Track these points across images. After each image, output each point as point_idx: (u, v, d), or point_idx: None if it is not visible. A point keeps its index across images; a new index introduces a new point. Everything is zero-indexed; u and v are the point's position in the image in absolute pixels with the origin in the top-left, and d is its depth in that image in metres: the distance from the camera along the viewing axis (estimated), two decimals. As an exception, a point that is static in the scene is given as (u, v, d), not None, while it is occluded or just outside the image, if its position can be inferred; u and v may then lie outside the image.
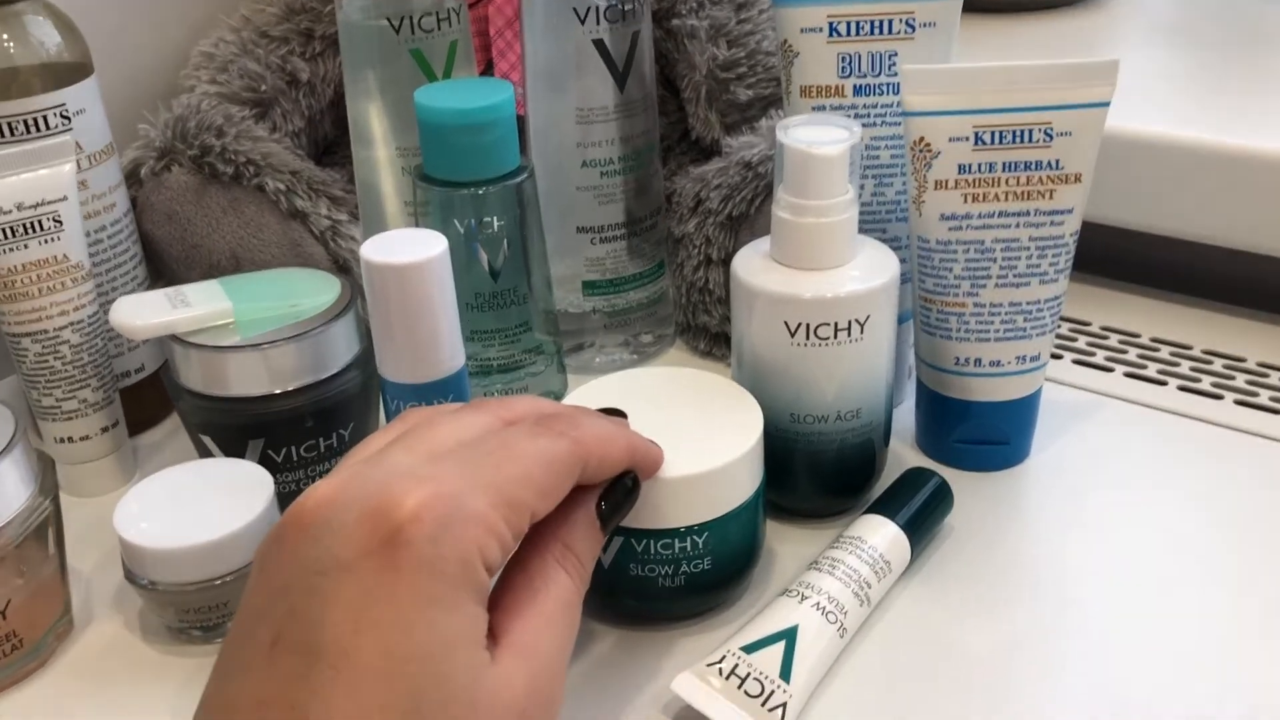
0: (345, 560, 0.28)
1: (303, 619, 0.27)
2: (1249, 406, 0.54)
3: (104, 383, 0.50)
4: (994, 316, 0.47)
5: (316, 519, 0.29)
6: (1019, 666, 0.40)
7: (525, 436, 0.32)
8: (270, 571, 0.29)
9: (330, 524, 0.28)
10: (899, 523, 0.43)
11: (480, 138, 0.46)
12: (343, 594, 0.27)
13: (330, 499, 0.29)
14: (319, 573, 0.28)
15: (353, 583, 0.27)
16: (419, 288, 0.41)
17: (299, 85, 0.60)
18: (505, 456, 0.31)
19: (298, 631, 0.27)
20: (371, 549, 0.28)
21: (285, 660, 0.27)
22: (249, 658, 0.28)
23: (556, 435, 0.33)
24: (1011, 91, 0.44)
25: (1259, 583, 0.43)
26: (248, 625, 0.29)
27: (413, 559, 0.28)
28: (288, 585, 0.28)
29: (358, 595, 0.27)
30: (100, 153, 0.50)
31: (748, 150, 0.54)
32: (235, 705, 0.27)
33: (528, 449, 0.32)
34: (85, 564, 0.46)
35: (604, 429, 0.35)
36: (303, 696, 0.27)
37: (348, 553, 0.28)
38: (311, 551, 0.28)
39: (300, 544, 0.29)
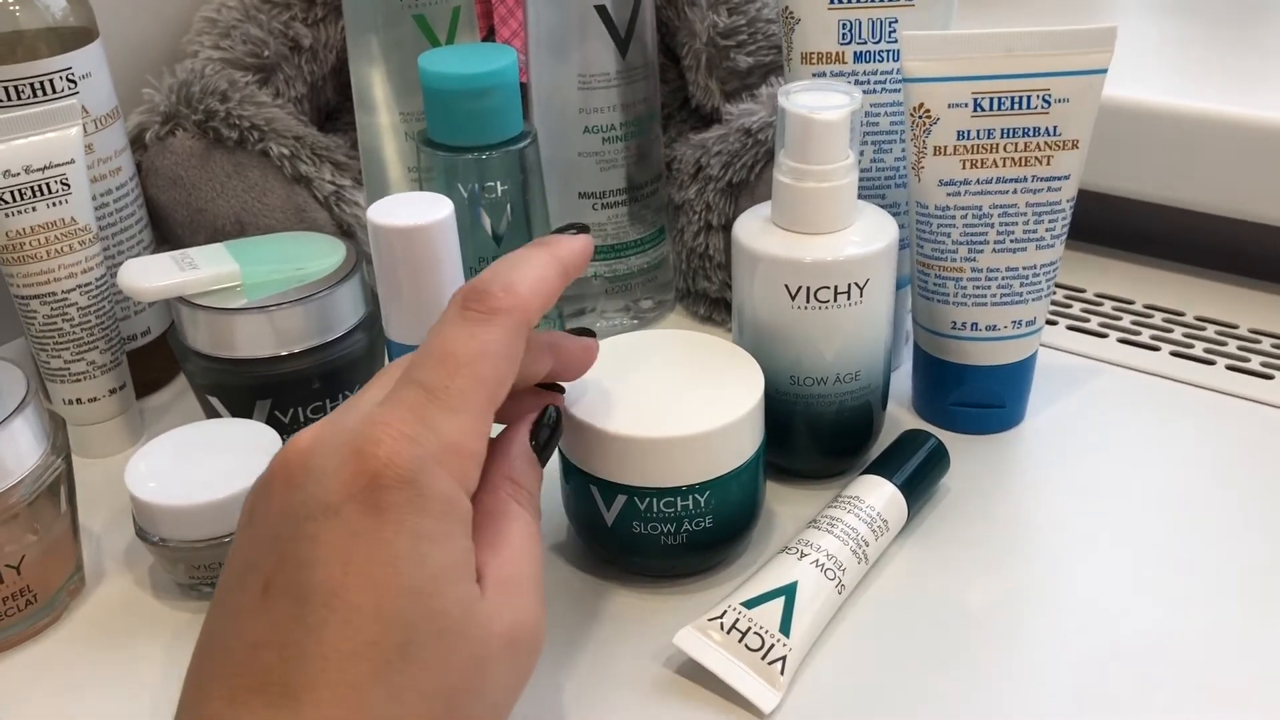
0: (330, 505, 0.28)
1: (292, 563, 0.28)
2: (1240, 372, 0.55)
3: (111, 345, 0.50)
4: (991, 281, 0.48)
5: (299, 468, 0.29)
6: (1013, 623, 0.41)
7: (461, 329, 0.31)
8: (257, 523, 0.30)
9: (312, 471, 0.29)
10: (896, 483, 0.44)
11: (483, 103, 0.47)
12: (330, 537, 0.28)
13: (310, 448, 0.30)
14: (306, 518, 0.28)
15: (339, 525, 0.28)
16: (425, 249, 0.42)
17: (301, 51, 0.61)
18: (450, 367, 0.31)
19: (288, 576, 0.28)
20: (354, 492, 0.28)
21: (278, 604, 0.28)
22: (242, 604, 0.28)
23: (486, 316, 0.32)
24: (1010, 58, 0.45)
25: (1251, 544, 0.44)
26: (238, 575, 0.29)
27: (396, 498, 0.28)
28: (276, 534, 0.29)
29: (345, 537, 0.28)
30: (106, 116, 0.51)
31: (748, 117, 0.54)
32: (230, 649, 0.28)
33: (468, 349, 0.31)
34: (95, 523, 0.47)
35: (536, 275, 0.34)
36: (296, 636, 0.27)
37: (332, 497, 0.28)
38: (297, 498, 0.29)
39: (286, 493, 0.29)
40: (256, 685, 0.27)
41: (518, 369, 0.33)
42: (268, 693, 0.27)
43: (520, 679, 0.32)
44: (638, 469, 0.40)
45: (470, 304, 0.32)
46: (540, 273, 0.34)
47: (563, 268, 0.35)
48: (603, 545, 0.42)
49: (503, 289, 0.32)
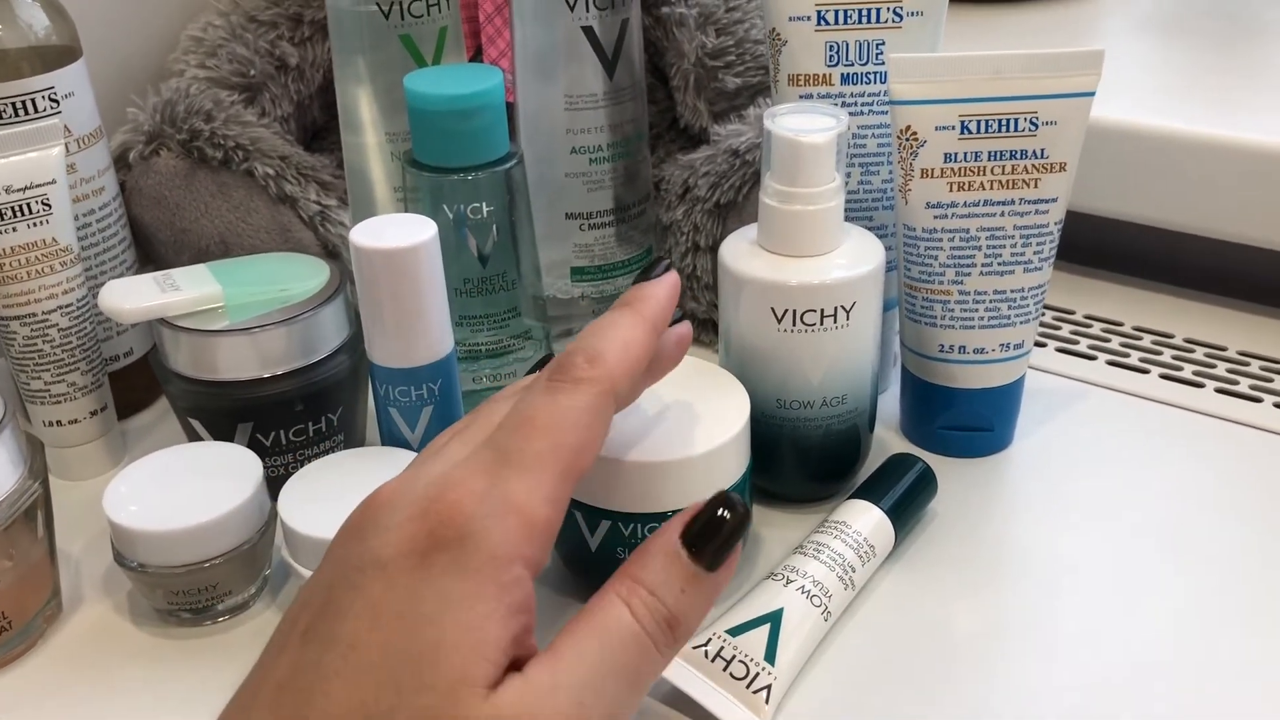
0: (383, 559, 0.28)
1: (333, 611, 0.28)
2: (1229, 394, 0.55)
3: (93, 366, 0.50)
4: (978, 304, 0.48)
5: (368, 519, 0.29)
6: (1001, 650, 0.41)
7: (543, 398, 0.31)
8: (323, 567, 0.30)
9: (378, 524, 0.29)
10: (883, 508, 0.44)
11: (470, 123, 0.46)
12: (370, 590, 0.28)
13: (386, 499, 0.30)
14: (357, 569, 0.28)
15: (383, 580, 0.28)
16: (408, 272, 0.41)
17: (288, 70, 0.60)
18: (527, 431, 0.30)
19: (326, 622, 0.28)
20: (407, 549, 0.28)
21: (309, 648, 0.28)
22: (284, 643, 0.29)
23: (571, 385, 0.31)
24: (997, 81, 0.45)
25: (1239, 567, 0.44)
26: (293, 614, 0.29)
27: (443, 558, 0.28)
28: (331, 581, 0.29)
29: (383, 592, 0.28)
30: (89, 136, 0.50)
31: (736, 138, 0.54)
32: (260, 689, 0.28)
33: (548, 415, 0.30)
34: (74, 547, 0.46)
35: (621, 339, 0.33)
36: (310, 682, 0.27)
37: (387, 552, 0.28)
38: (356, 549, 0.29)
39: (350, 542, 0.29)
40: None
41: (602, 440, 0.32)
42: None
43: None
44: (622, 494, 0.39)
45: (554, 375, 0.32)
46: (626, 336, 0.33)
47: (650, 326, 0.34)
48: (586, 572, 0.42)
49: (587, 359, 0.32)
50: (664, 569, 0.30)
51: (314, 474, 0.43)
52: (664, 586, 0.30)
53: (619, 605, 0.29)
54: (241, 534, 0.41)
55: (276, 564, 0.44)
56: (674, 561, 0.30)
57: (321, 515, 0.40)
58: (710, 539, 0.30)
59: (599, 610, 0.29)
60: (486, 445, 0.30)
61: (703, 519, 0.30)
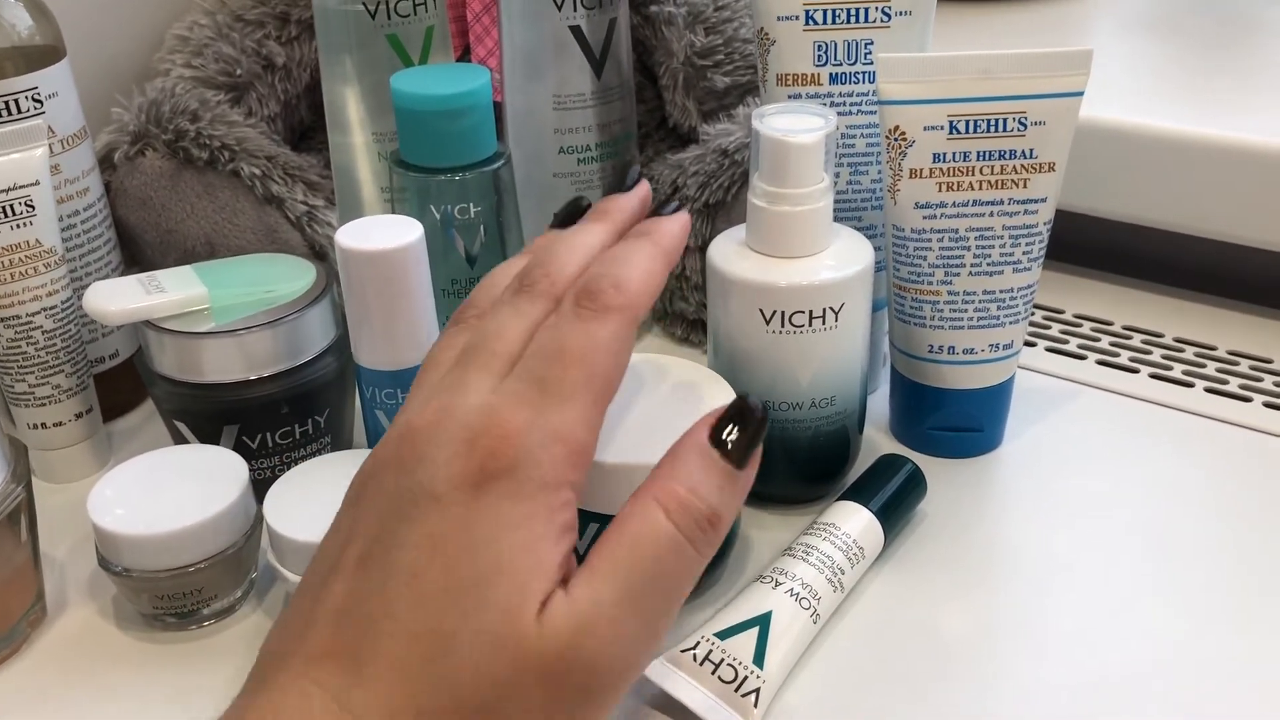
0: (436, 492, 0.29)
1: (389, 540, 0.29)
2: (1219, 394, 0.55)
3: (77, 368, 0.49)
4: (968, 304, 0.47)
5: (411, 452, 0.30)
6: (992, 651, 0.40)
7: (576, 325, 0.31)
8: (366, 502, 0.30)
9: (424, 459, 0.29)
10: (872, 509, 0.44)
11: (457, 123, 0.46)
12: (429, 520, 0.29)
13: (426, 433, 0.30)
14: (411, 502, 0.29)
15: (438, 511, 0.29)
16: (394, 274, 0.41)
17: (275, 70, 0.60)
18: (564, 361, 0.31)
19: (383, 551, 0.29)
20: (459, 482, 0.29)
21: (368, 576, 0.28)
22: (338, 570, 0.29)
23: (599, 313, 0.31)
24: (986, 80, 0.44)
25: (1229, 566, 0.44)
26: (338, 547, 0.30)
27: (496, 490, 0.29)
28: (381, 513, 0.29)
29: (439, 522, 0.28)
30: (73, 137, 0.50)
31: (725, 138, 0.54)
32: (314, 617, 0.29)
33: (583, 344, 0.31)
34: (59, 551, 0.46)
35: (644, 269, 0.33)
36: (374, 608, 0.28)
37: (439, 485, 0.29)
38: (405, 482, 0.29)
39: (397, 476, 0.30)
40: (332, 650, 0.28)
41: (625, 367, 0.32)
42: (340, 659, 0.28)
43: None
44: (609, 496, 0.39)
45: (583, 301, 0.32)
46: (647, 266, 0.33)
47: (667, 259, 0.35)
48: (575, 574, 0.42)
49: (613, 286, 0.32)
50: (700, 468, 0.31)
51: (300, 477, 0.43)
52: (703, 484, 0.30)
53: (655, 510, 0.30)
54: (227, 538, 0.41)
55: (263, 568, 0.44)
56: (708, 459, 0.31)
57: (308, 519, 0.40)
58: (740, 435, 0.31)
59: (634, 518, 0.30)
60: (522, 376, 0.31)
61: (729, 418, 0.31)
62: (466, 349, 0.32)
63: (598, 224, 0.36)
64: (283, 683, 0.28)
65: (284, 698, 0.28)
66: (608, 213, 0.36)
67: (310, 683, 0.28)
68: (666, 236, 0.35)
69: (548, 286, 0.33)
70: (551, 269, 0.34)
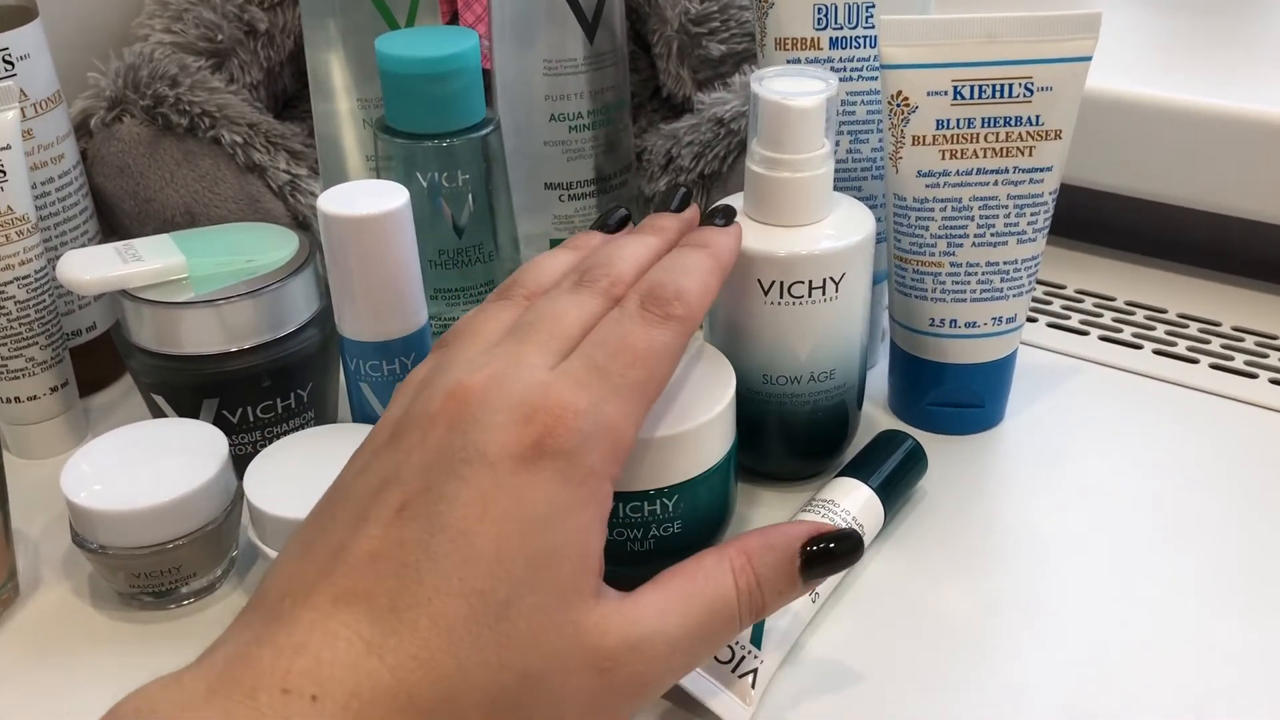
0: (489, 456, 0.29)
1: (436, 494, 0.29)
2: (1223, 370, 0.54)
3: (52, 340, 0.48)
4: (970, 276, 0.46)
5: (465, 414, 0.30)
6: (993, 629, 0.39)
7: (640, 327, 0.33)
8: (403, 452, 0.30)
9: (480, 420, 0.30)
10: (872, 485, 0.42)
11: (444, 87, 0.45)
12: (479, 482, 0.29)
13: (480, 396, 0.30)
14: (462, 460, 0.29)
15: (490, 474, 0.29)
16: (379, 241, 0.40)
17: (257, 35, 0.58)
18: (628, 359, 0.32)
19: (428, 504, 0.29)
20: (514, 451, 0.29)
21: (410, 526, 0.28)
22: (372, 514, 0.29)
23: (662, 320, 0.33)
24: (991, 44, 0.43)
25: (1234, 543, 0.43)
26: (368, 489, 0.30)
27: (550, 465, 0.29)
28: (428, 464, 0.29)
29: (491, 487, 0.29)
30: (47, 101, 0.48)
31: (720, 107, 0.52)
32: (345, 552, 0.28)
33: (646, 346, 0.32)
34: (33, 528, 0.45)
35: (702, 282, 0.35)
36: (417, 559, 0.28)
37: (492, 450, 0.29)
38: (458, 440, 0.29)
39: (448, 432, 0.30)
40: (367, 593, 0.27)
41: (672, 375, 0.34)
42: (376, 604, 0.27)
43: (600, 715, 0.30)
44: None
45: (648, 305, 0.33)
46: (706, 280, 0.35)
47: (723, 274, 0.37)
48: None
49: (676, 295, 0.34)
50: (777, 567, 0.33)
51: (282, 452, 0.41)
52: (770, 582, 0.33)
53: (729, 579, 0.32)
54: (206, 514, 0.40)
55: (243, 545, 0.43)
56: (788, 565, 0.33)
57: (290, 495, 0.39)
58: (825, 565, 0.33)
59: (713, 574, 0.32)
60: (582, 361, 0.32)
61: (830, 543, 0.33)
62: (522, 324, 0.33)
63: (651, 236, 0.37)
64: (306, 620, 0.27)
65: (308, 635, 0.27)
66: (661, 229, 0.38)
67: (338, 624, 0.27)
68: (725, 251, 0.37)
69: (608, 285, 0.34)
70: (612, 270, 0.35)
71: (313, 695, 0.26)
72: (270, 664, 0.26)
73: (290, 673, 0.26)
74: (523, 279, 0.36)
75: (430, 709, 0.27)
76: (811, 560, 0.33)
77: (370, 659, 0.27)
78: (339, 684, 0.26)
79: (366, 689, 0.26)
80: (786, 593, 0.33)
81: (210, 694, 0.26)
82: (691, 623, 0.31)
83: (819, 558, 0.33)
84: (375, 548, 0.28)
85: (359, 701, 0.26)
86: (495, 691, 0.28)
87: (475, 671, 0.27)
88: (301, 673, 0.26)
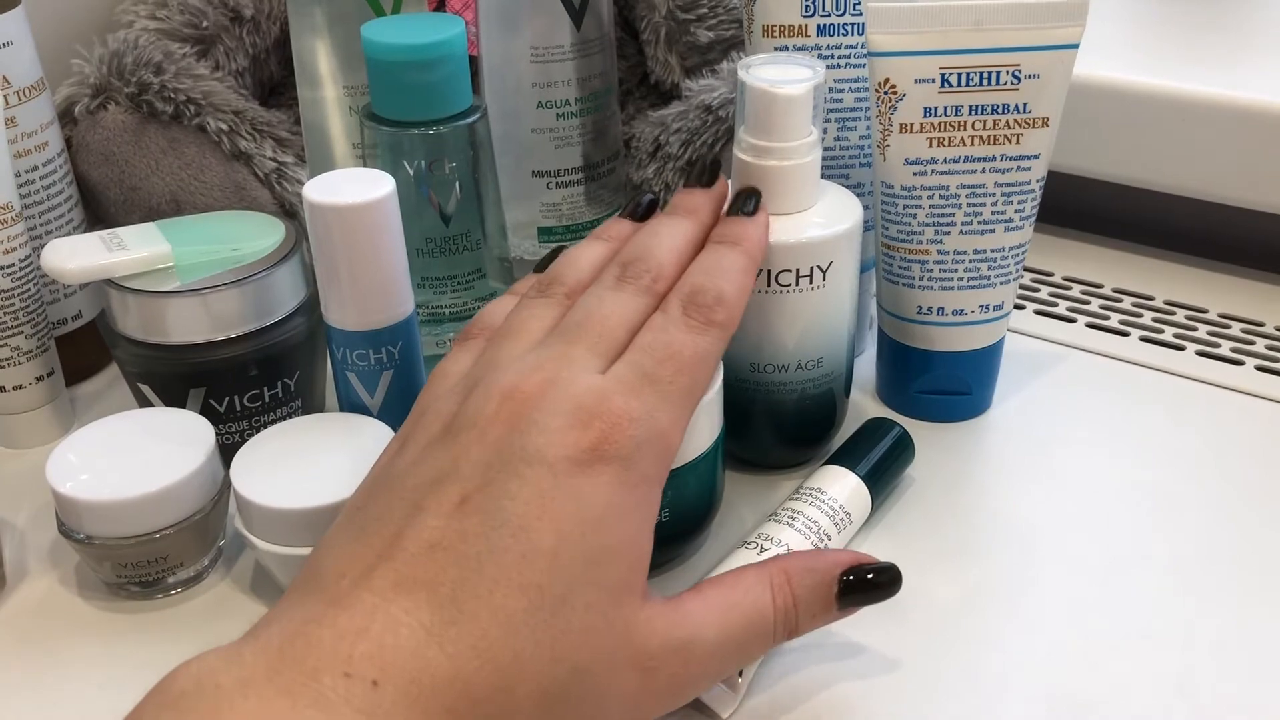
0: (549, 457, 0.30)
1: (497, 490, 0.29)
2: (1210, 358, 0.54)
3: (38, 329, 0.47)
4: (958, 264, 0.46)
5: (523, 415, 0.31)
6: (981, 616, 0.40)
7: (685, 334, 0.33)
8: (461, 447, 0.31)
9: (537, 423, 0.30)
10: (859, 473, 0.43)
11: (430, 74, 0.44)
12: (538, 481, 0.29)
13: (537, 398, 0.31)
14: (522, 460, 0.30)
15: (549, 474, 0.29)
16: (364, 230, 0.40)
17: (242, 22, 0.58)
18: (675, 366, 0.33)
19: (489, 499, 0.29)
20: (573, 454, 0.30)
21: (471, 519, 0.29)
22: (431, 505, 0.29)
23: (705, 326, 0.34)
24: (979, 32, 0.43)
25: (1221, 530, 0.43)
26: (424, 481, 0.30)
27: (608, 471, 0.30)
28: (488, 461, 0.30)
29: (550, 486, 0.29)
30: (30, 88, 0.48)
31: (708, 94, 0.52)
32: (402, 539, 0.29)
33: (690, 352, 0.33)
34: (18, 518, 0.45)
35: (741, 285, 0.36)
36: (478, 551, 0.28)
37: (552, 451, 0.30)
38: (518, 441, 0.30)
39: (508, 433, 0.30)
40: (428, 581, 0.28)
41: None
42: (436, 592, 0.28)
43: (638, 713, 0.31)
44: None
45: (690, 311, 0.34)
46: (743, 281, 0.36)
47: (757, 270, 0.37)
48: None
49: (717, 300, 0.34)
50: (815, 590, 0.34)
51: (268, 441, 0.41)
52: (806, 604, 0.34)
53: (768, 595, 0.33)
54: (193, 504, 0.40)
55: (230, 535, 0.43)
56: (827, 590, 0.34)
57: (276, 484, 0.38)
58: (863, 594, 0.34)
59: (753, 589, 0.33)
60: (633, 367, 0.32)
61: (869, 574, 0.34)
62: (569, 325, 0.34)
63: (685, 221, 0.38)
64: (368, 603, 0.27)
65: (369, 619, 0.27)
66: (694, 210, 0.38)
67: (400, 610, 0.27)
68: (758, 247, 0.38)
69: (650, 283, 0.35)
70: (653, 265, 0.35)
71: (374, 680, 0.26)
72: (332, 646, 0.26)
73: (353, 657, 0.26)
74: (561, 274, 0.37)
75: (485, 698, 0.27)
76: (849, 589, 0.34)
77: (430, 646, 0.27)
78: (401, 670, 0.26)
79: (426, 676, 0.27)
80: (821, 616, 0.34)
81: (271, 673, 0.26)
82: (728, 633, 0.32)
83: (857, 586, 0.34)
84: (435, 538, 0.29)
85: (418, 689, 0.26)
86: (548, 683, 0.28)
87: (530, 663, 0.28)
88: (364, 657, 0.26)
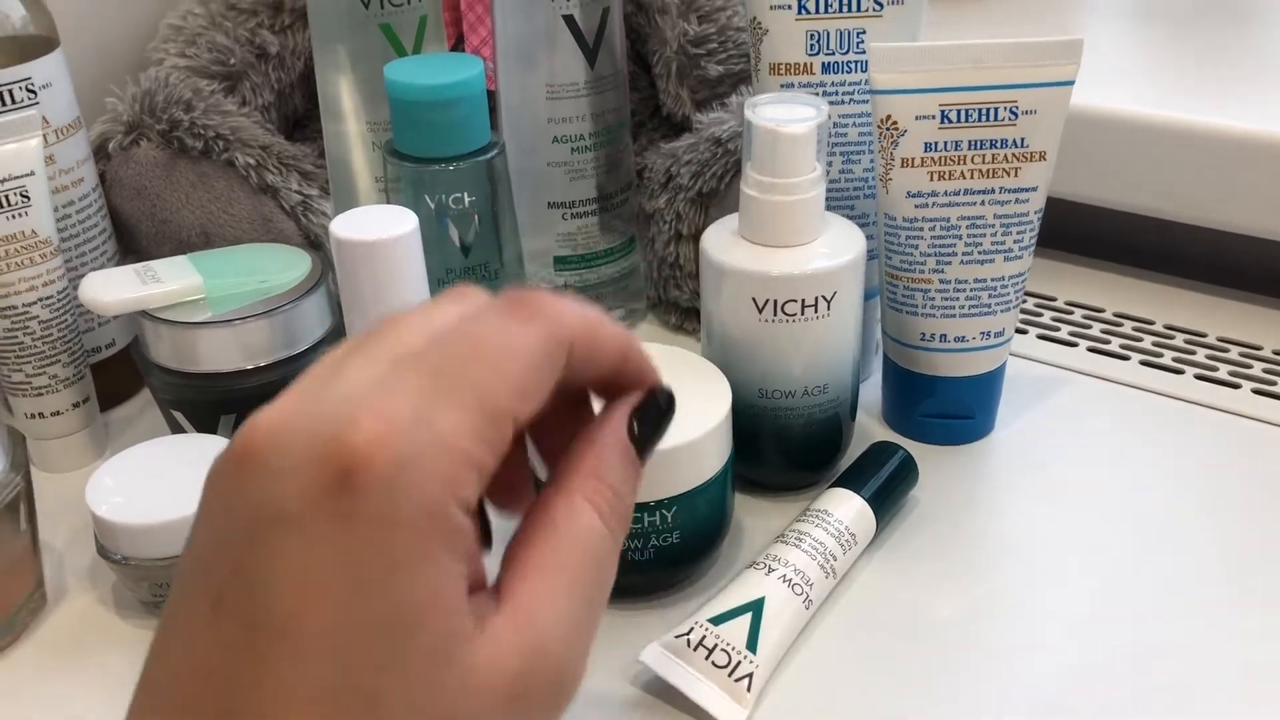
0: (291, 511, 0.23)
1: (246, 578, 0.23)
2: (1210, 381, 0.55)
3: (74, 358, 0.49)
4: (959, 293, 0.48)
5: (258, 456, 0.23)
6: (983, 638, 0.41)
7: (492, 327, 0.26)
8: (212, 515, 0.24)
9: (270, 465, 0.23)
10: (864, 496, 0.44)
11: (450, 113, 0.46)
12: (290, 551, 0.23)
13: (276, 429, 0.24)
14: (263, 523, 0.23)
15: (300, 539, 0.23)
16: (389, 264, 0.41)
17: (268, 58, 0.60)
18: (472, 357, 0.25)
19: (241, 593, 0.23)
20: (319, 499, 0.23)
21: (228, 626, 0.23)
22: (190, 621, 0.24)
23: (526, 320, 0.26)
24: (978, 70, 0.45)
25: (1220, 552, 0.44)
26: (189, 579, 0.24)
27: (367, 511, 0.23)
28: (229, 537, 0.23)
29: (305, 554, 0.23)
30: (67, 127, 0.50)
31: (718, 126, 0.54)
32: (176, 675, 0.24)
33: (497, 342, 0.25)
34: (57, 539, 0.46)
35: (585, 310, 0.28)
36: (246, 668, 0.23)
37: (294, 503, 0.23)
38: (255, 496, 0.23)
39: (244, 485, 0.23)
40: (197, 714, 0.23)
41: (545, 395, 0.26)
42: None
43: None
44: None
45: (510, 304, 0.27)
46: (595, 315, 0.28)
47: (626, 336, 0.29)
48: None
49: (549, 299, 0.27)
50: (623, 466, 0.28)
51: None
52: (625, 484, 0.28)
53: (590, 513, 0.27)
54: (225, 526, 0.41)
55: (260, 556, 0.44)
56: (629, 458, 0.28)
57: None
58: (655, 433, 0.29)
59: (569, 519, 0.26)
60: (411, 363, 0.24)
61: (649, 413, 0.29)
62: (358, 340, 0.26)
63: None
64: None
65: None
66: None
67: None
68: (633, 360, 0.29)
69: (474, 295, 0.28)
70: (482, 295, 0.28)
71: None
72: None
73: None
74: None
75: None
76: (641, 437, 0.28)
77: None
78: None
79: None
80: (635, 479, 0.28)
81: None
82: (578, 580, 0.26)
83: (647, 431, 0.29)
84: (201, 665, 0.23)
85: None
86: None
87: None
88: None
